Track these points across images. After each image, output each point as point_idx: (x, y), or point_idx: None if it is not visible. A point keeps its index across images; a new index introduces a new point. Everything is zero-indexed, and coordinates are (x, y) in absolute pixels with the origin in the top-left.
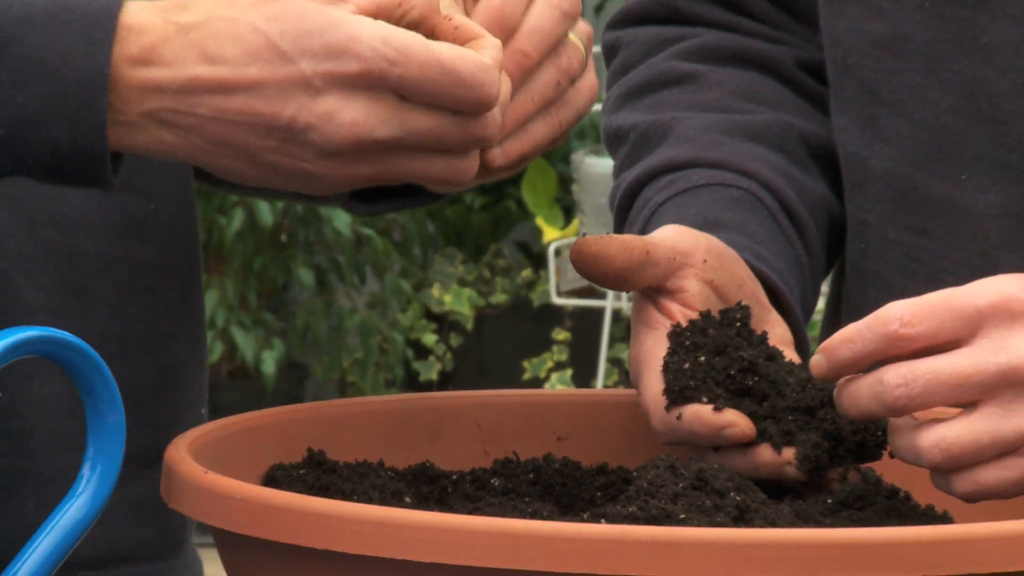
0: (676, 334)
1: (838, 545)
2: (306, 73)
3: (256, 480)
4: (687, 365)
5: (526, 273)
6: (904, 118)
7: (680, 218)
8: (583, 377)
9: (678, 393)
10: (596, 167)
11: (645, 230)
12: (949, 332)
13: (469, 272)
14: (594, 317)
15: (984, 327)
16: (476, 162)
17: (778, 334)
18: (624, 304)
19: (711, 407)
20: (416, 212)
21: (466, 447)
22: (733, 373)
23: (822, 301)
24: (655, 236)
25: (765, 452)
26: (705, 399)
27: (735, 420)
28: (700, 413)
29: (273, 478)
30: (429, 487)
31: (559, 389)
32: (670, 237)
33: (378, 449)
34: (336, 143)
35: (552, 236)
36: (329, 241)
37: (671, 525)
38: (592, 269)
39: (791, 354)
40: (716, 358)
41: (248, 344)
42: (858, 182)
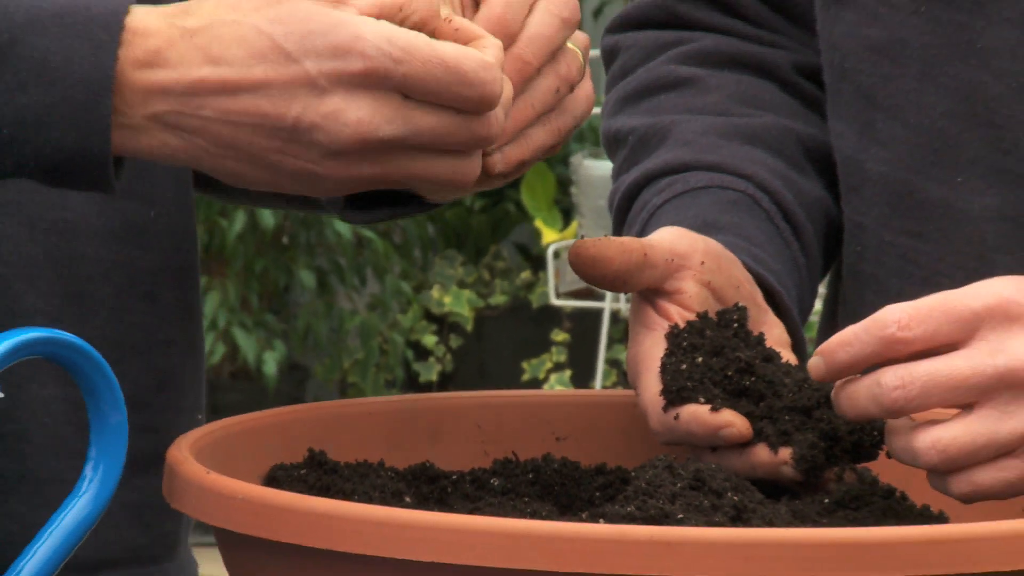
0: (674, 335)
1: (835, 545)
2: (311, 73)
3: (257, 480)
4: (684, 366)
5: (525, 275)
6: (900, 122)
7: (678, 220)
8: (582, 378)
9: (676, 394)
10: (595, 170)
11: (643, 232)
12: (946, 335)
13: (469, 274)
14: (593, 318)
15: (981, 330)
16: (479, 163)
17: (775, 335)
18: (622, 306)
19: (708, 407)
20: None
21: (466, 447)
22: (730, 374)
23: (819, 303)
24: (653, 238)
25: (762, 452)
26: (702, 400)
27: (732, 420)
28: (697, 413)
29: (274, 478)
30: (429, 487)
31: (558, 390)
32: (668, 239)
33: (378, 449)
34: (341, 142)
35: (551, 238)
36: (330, 243)
37: (669, 525)
38: (590, 271)
39: (788, 355)
40: (713, 359)
41: (250, 345)
42: (854, 185)
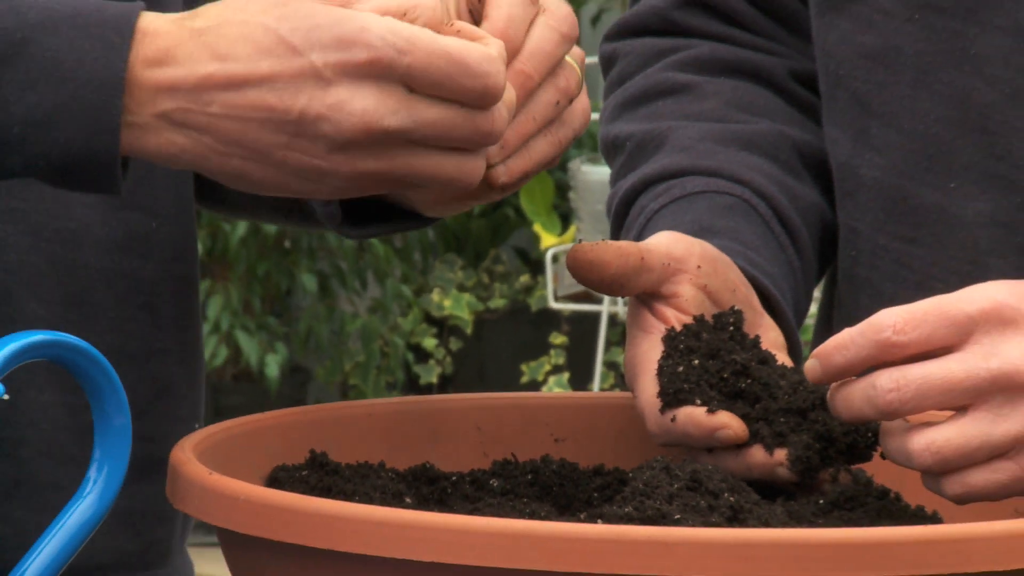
0: (670, 338)
1: (830, 545)
2: (316, 65)
3: (260, 481)
4: (681, 368)
5: (524, 279)
6: (894, 128)
7: (675, 225)
8: (580, 380)
9: (672, 396)
10: (593, 175)
11: (640, 237)
12: (941, 338)
13: (468, 278)
14: (591, 322)
15: (975, 333)
16: (483, 163)
17: (770, 338)
18: (620, 309)
19: (705, 409)
20: None
21: (465, 449)
22: (726, 376)
23: (815, 306)
24: (650, 242)
25: (758, 453)
26: (699, 401)
27: (728, 422)
28: (694, 415)
29: (276, 479)
30: (429, 488)
31: (556, 392)
32: (664, 243)
33: (379, 451)
34: (347, 133)
35: (550, 242)
36: (331, 247)
37: (666, 525)
38: (588, 275)
39: (783, 357)
40: (710, 361)
41: (252, 348)
42: (849, 191)
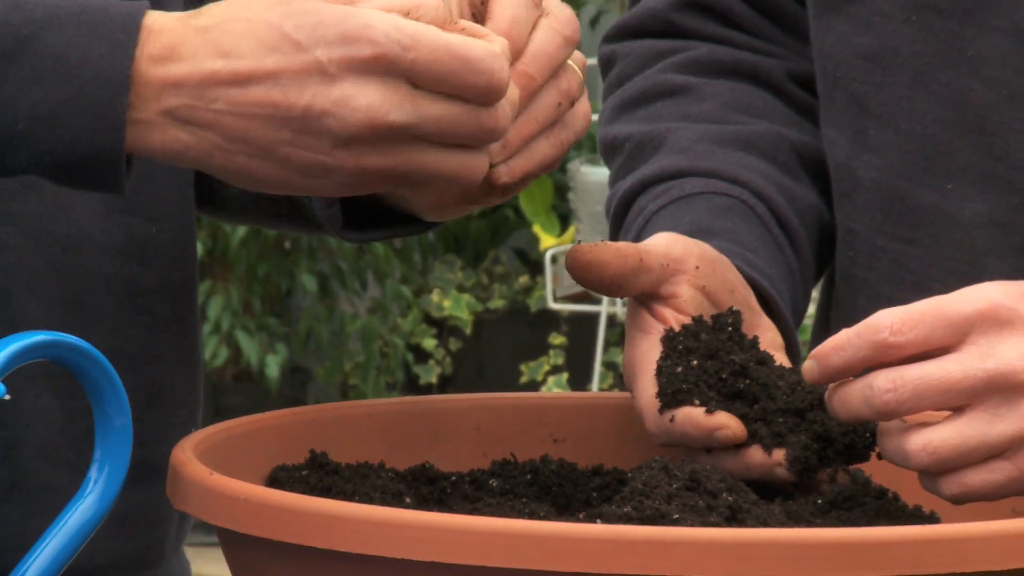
0: (669, 339)
1: (828, 545)
2: (321, 60)
3: (260, 481)
4: (680, 369)
5: (523, 279)
6: (892, 129)
7: (673, 226)
8: (579, 380)
9: (671, 396)
10: (592, 176)
11: (639, 238)
12: (938, 339)
13: (468, 278)
14: (590, 322)
15: (972, 334)
16: (487, 161)
17: (769, 338)
18: (619, 309)
19: (703, 410)
20: None
21: (465, 449)
22: (725, 376)
23: (813, 307)
24: (648, 243)
25: (756, 453)
26: (697, 402)
27: (727, 422)
28: (692, 415)
29: (276, 479)
30: (429, 488)
31: (555, 392)
32: (663, 244)
33: (379, 451)
34: (351, 129)
35: (549, 243)
36: (332, 248)
37: (665, 525)
38: (587, 275)
39: (781, 358)
40: (708, 362)
41: (252, 348)
42: (847, 192)
